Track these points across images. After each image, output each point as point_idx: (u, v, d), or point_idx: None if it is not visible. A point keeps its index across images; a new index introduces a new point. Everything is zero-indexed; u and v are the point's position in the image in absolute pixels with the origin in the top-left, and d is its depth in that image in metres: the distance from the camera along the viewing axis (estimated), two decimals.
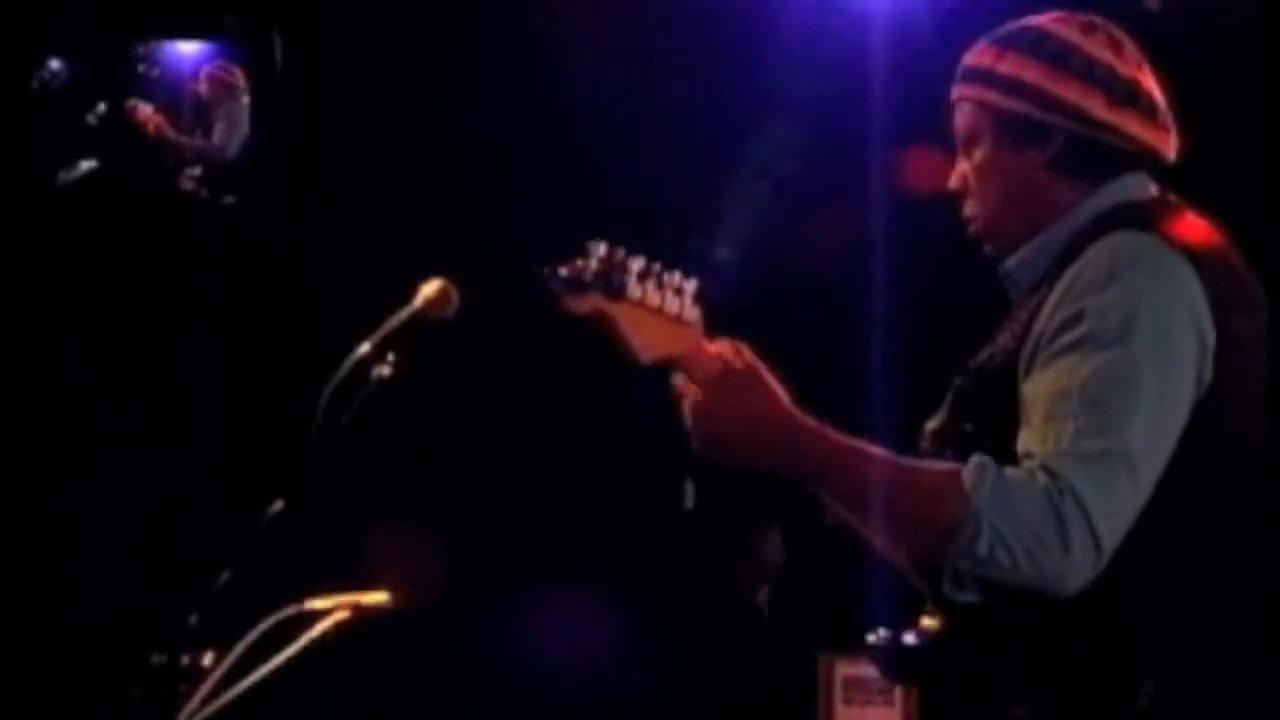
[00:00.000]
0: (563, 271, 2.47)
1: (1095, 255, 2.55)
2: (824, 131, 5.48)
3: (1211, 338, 2.52)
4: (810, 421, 2.55)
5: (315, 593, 3.41)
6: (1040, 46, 2.69)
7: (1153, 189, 2.72)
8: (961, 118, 2.78)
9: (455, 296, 3.26)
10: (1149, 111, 2.71)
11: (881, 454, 2.52)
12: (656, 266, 2.52)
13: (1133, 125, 2.68)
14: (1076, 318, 2.50)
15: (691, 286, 2.55)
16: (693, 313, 2.56)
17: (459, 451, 5.68)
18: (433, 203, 5.91)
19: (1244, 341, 2.56)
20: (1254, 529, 2.57)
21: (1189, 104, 2.78)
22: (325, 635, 3.30)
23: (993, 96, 2.71)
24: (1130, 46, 2.74)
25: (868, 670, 5.64)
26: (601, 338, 2.48)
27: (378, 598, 3.43)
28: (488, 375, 5.65)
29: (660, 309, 2.51)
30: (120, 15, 6.05)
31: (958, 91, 2.79)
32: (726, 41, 5.69)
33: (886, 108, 5.27)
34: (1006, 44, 2.73)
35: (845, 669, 5.71)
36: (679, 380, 2.58)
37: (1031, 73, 2.68)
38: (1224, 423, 2.52)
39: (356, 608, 3.39)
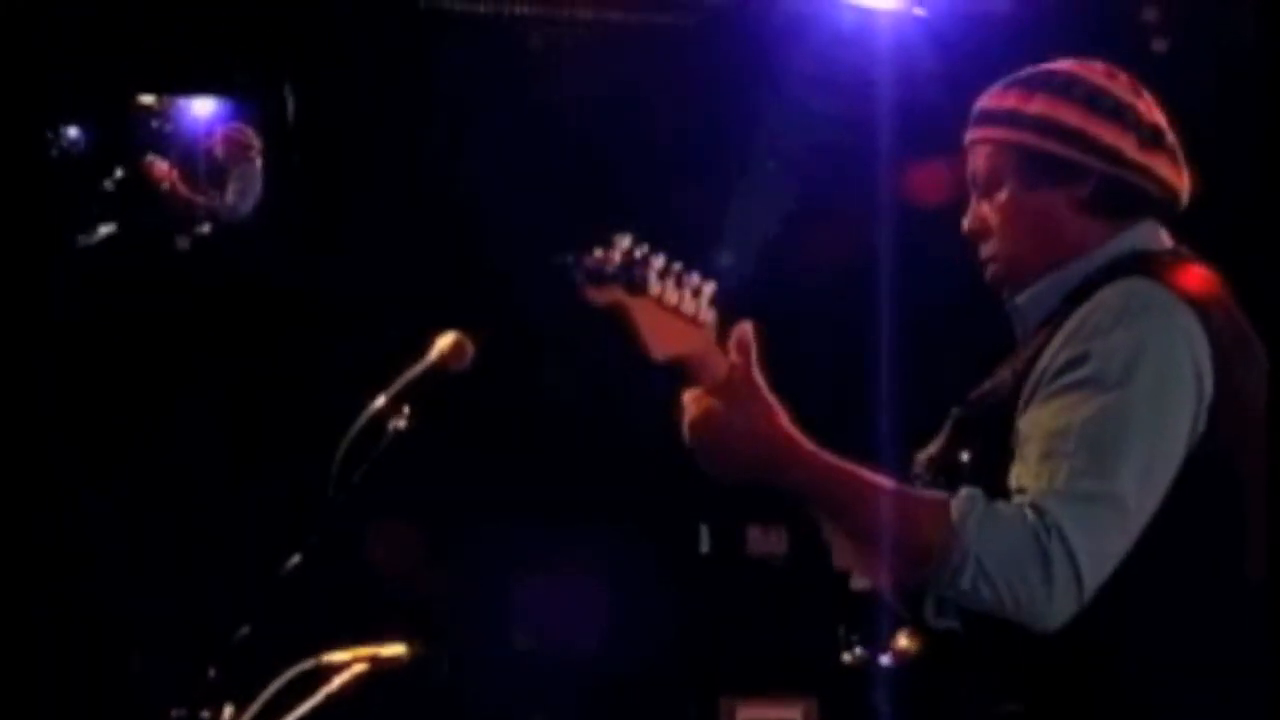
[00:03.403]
0: (586, 261, 2.47)
1: (1106, 298, 2.57)
2: (831, 155, 5.52)
3: (1210, 388, 2.54)
4: (806, 442, 2.56)
5: (332, 646, 3.42)
6: (1071, 88, 2.71)
7: (1167, 240, 2.75)
8: (981, 160, 2.77)
9: (470, 349, 3.28)
10: (1173, 154, 2.74)
11: (874, 479, 2.54)
12: (677, 266, 2.52)
13: (1162, 167, 2.71)
14: (1082, 359, 2.52)
15: (709, 289, 2.55)
16: (708, 315, 2.56)
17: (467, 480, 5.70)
18: (446, 255, 5.94)
19: (1242, 392, 2.58)
20: (1246, 573, 2.57)
21: (1195, 142, 2.80)
22: (343, 688, 3.31)
23: (1020, 137, 2.71)
24: (1147, 93, 2.76)
25: (768, 712, 5.68)
26: (618, 331, 2.48)
27: (395, 650, 3.44)
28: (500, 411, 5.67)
29: (677, 308, 2.51)
30: (131, 72, 6.09)
31: (975, 134, 2.79)
32: (735, 65, 5.73)
33: (892, 135, 5.32)
34: (1033, 86, 2.74)
35: (745, 711, 5.72)
36: (688, 397, 2.57)
37: (1065, 113, 2.69)
38: (1219, 469, 2.54)
39: (374, 660, 3.40)
